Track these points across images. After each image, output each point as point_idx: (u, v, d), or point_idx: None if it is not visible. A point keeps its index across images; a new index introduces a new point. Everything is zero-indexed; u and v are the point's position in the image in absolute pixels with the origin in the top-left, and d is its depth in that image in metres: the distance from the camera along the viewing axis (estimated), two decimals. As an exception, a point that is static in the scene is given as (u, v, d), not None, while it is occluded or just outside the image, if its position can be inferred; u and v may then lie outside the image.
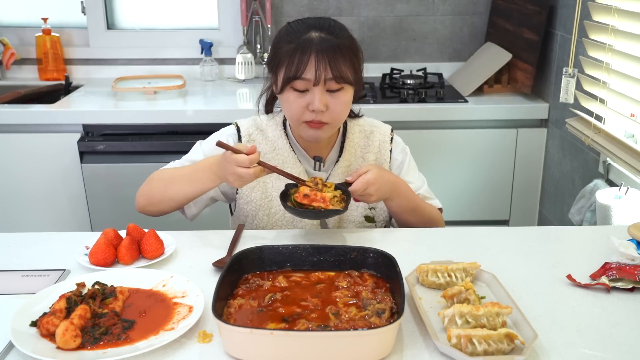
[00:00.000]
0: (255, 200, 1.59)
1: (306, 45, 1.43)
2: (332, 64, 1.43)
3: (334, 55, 1.43)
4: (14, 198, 2.60)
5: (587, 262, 1.35)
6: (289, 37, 1.48)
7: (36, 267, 1.34)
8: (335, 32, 1.48)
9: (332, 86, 1.46)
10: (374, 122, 1.69)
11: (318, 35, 1.45)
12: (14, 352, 1.05)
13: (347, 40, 1.49)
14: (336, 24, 1.51)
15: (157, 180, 1.54)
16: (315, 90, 1.45)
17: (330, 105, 1.47)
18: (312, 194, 1.41)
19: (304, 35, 1.45)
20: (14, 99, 2.75)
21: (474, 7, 3.07)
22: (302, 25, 1.49)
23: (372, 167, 1.50)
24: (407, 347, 1.06)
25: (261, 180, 1.58)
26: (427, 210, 1.62)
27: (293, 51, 1.44)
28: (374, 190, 1.48)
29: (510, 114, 2.62)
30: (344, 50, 1.45)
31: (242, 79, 2.99)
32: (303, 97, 1.47)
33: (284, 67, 1.46)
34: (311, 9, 3.05)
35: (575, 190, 2.34)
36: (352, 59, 1.47)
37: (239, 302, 1.15)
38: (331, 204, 1.40)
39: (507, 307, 1.08)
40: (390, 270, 1.20)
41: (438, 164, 2.62)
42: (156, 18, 3.18)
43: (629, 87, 1.94)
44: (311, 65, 1.43)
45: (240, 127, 1.63)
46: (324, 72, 1.43)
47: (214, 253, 1.40)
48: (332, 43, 1.44)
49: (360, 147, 1.64)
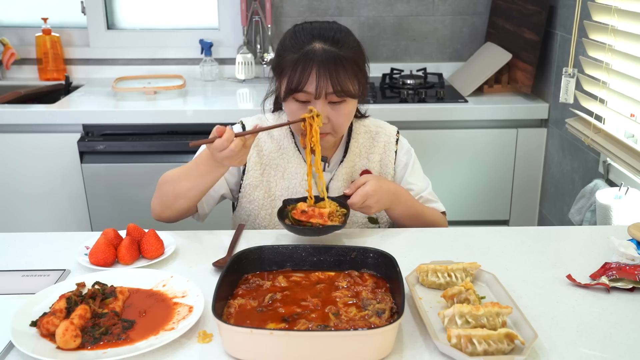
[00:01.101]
0: (258, 199, 1.59)
1: (308, 57, 1.43)
2: (333, 78, 1.42)
3: (336, 68, 1.42)
4: (14, 198, 2.60)
5: (587, 262, 1.35)
6: (293, 46, 1.47)
7: (36, 267, 1.34)
8: (340, 42, 1.46)
9: (334, 99, 1.45)
10: (379, 123, 1.68)
11: (321, 47, 1.44)
12: (14, 352, 1.05)
13: (351, 51, 1.47)
14: (342, 32, 1.49)
15: (165, 183, 1.53)
16: (317, 103, 1.45)
17: (332, 117, 1.47)
18: (310, 210, 1.40)
19: (307, 45, 1.44)
20: (14, 99, 2.75)
21: (474, 7, 3.07)
22: (307, 34, 1.47)
23: (370, 178, 1.50)
24: (407, 347, 1.06)
25: (264, 180, 1.59)
26: (429, 216, 1.62)
27: (295, 63, 1.43)
28: (373, 202, 1.47)
29: (510, 114, 2.63)
30: (347, 63, 1.44)
31: (242, 79, 2.99)
32: (305, 108, 1.46)
33: (286, 78, 1.46)
34: (311, 9, 3.05)
35: (575, 190, 2.34)
36: (355, 71, 1.46)
37: (239, 302, 1.15)
38: (330, 220, 1.40)
39: (507, 307, 1.08)
40: (390, 270, 1.20)
41: (438, 164, 2.62)
42: (156, 18, 3.18)
43: (629, 87, 1.94)
44: (312, 79, 1.42)
45: (245, 125, 1.63)
46: (325, 87, 1.43)
47: (214, 253, 1.40)
48: (334, 56, 1.43)
49: (365, 148, 1.63)
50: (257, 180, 1.59)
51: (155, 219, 1.57)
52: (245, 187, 1.60)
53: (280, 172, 1.59)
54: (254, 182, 1.59)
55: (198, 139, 1.69)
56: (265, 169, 1.60)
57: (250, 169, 1.59)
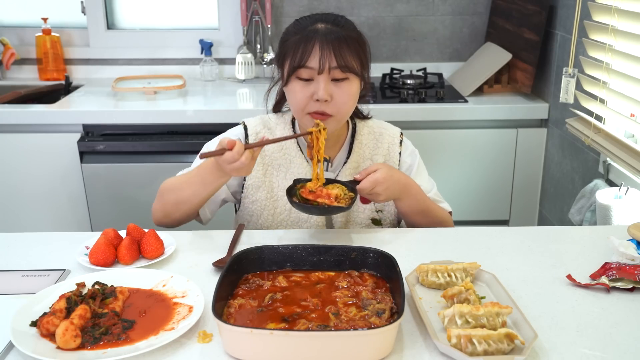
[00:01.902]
0: (260, 200, 1.59)
1: (311, 34, 1.44)
2: (336, 52, 1.43)
3: (339, 44, 1.44)
4: (14, 198, 2.60)
5: (587, 262, 1.35)
6: (295, 30, 1.49)
7: (36, 267, 1.34)
8: (342, 24, 1.49)
9: (337, 75, 1.45)
10: (383, 125, 1.68)
11: (324, 26, 1.46)
12: (14, 352, 1.05)
13: (354, 32, 1.49)
14: (343, 18, 1.52)
15: (167, 190, 1.54)
16: (320, 79, 1.45)
17: (335, 96, 1.46)
18: (318, 190, 1.42)
19: (310, 26, 1.47)
20: (14, 99, 2.75)
21: (474, 7, 3.07)
22: (309, 19, 1.50)
23: (382, 166, 1.49)
24: (407, 347, 1.06)
25: (267, 180, 1.59)
26: (437, 213, 1.61)
27: (298, 41, 1.45)
28: (382, 189, 1.47)
29: (510, 114, 2.63)
30: (350, 40, 1.46)
31: (242, 79, 2.99)
32: (308, 87, 1.46)
33: (289, 58, 1.46)
34: (311, 9, 3.05)
35: (575, 190, 2.34)
36: (357, 50, 1.47)
37: (239, 302, 1.15)
38: (337, 202, 1.40)
39: (507, 307, 1.08)
40: (390, 270, 1.20)
41: (438, 164, 2.62)
42: (156, 18, 3.18)
43: (629, 87, 1.94)
44: (315, 53, 1.43)
45: (247, 126, 1.63)
46: (329, 61, 1.43)
47: (214, 253, 1.40)
48: (337, 33, 1.45)
49: (369, 149, 1.63)
50: (260, 180, 1.59)
51: (156, 225, 1.57)
52: (248, 187, 1.59)
53: (283, 172, 1.59)
54: (256, 182, 1.59)
55: (198, 139, 1.70)
56: (268, 169, 1.60)
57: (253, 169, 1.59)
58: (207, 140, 1.61)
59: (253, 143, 1.40)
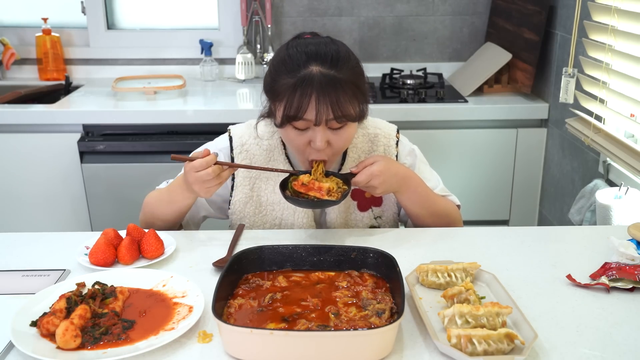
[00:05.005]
0: (248, 215, 1.57)
1: (307, 83, 1.35)
2: (333, 104, 1.35)
3: (336, 93, 1.35)
4: (14, 198, 2.60)
5: (587, 262, 1.35)
6: (288, 69, 1.39)
7: (36, 267, 1.34)
8: (338, 63, 1.38)
9: (334, 125, 1.40)
10: (377, 124, 1.62)
11: (319, 71, 1.36)
12: (14, 352, 1.05)
13: (350, 72, 1.39)
14: (338, 51, 1.40)
15: (146, 205, 1.57)
16: (317, 130, 1.39)
17: (333, 142, 1.42)
18: (310, 183, 1.41)
19: (303, 69, 1.36)
20: (14, 99, 2.75)
21: (474, 7, 3.07)
22: (301, 54, 1.39)
23: (379, 158, 1.46)
24: (407, 347, 1.06)
25: (254, 195, 1.56)
26: (442, 205, 1.57)
27: (293, 89, 1.36)
28: (379, 182, 1.43)
29: (510, 114, 2.63)
30: (346, 86, 1.37)
31: (242, 79, 2.99)
32: (304, 135, 1.41)
33: (283, 103, 1.38)
34: (311, 9, 3.05)
35: (575, 190, 2.34)
36: (354, 93, 1.39)
37: (239, 302, 1.15)
38: (329, 195, 1.39)
39: (507, 307, 1.08)
40: (390, 270, 1.20)
41: (438, 164, 2.59)
42: (156, 18, 3.18)
43: (629, 87, 1.94)
44: (312, 106, 1.35)
45: (232, 137, 1.59)
46: (325, 114, 1.36)
47: (214, 253, 1.40)
48: (333, 80, 1.35)
49: (364, 153, 1.59)
50: (247, 196, 1.56)
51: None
52: (235, 203, 1.57)
53: (271, 186, 1.56)
54: (243, 198, 1.56)
55: (198, 138, 1.70)
56: (255, 182, 1.57)
57: (239, 184, 1.56)
58: (207, 140, 1.61)
59: (226, 162, 1.42)
